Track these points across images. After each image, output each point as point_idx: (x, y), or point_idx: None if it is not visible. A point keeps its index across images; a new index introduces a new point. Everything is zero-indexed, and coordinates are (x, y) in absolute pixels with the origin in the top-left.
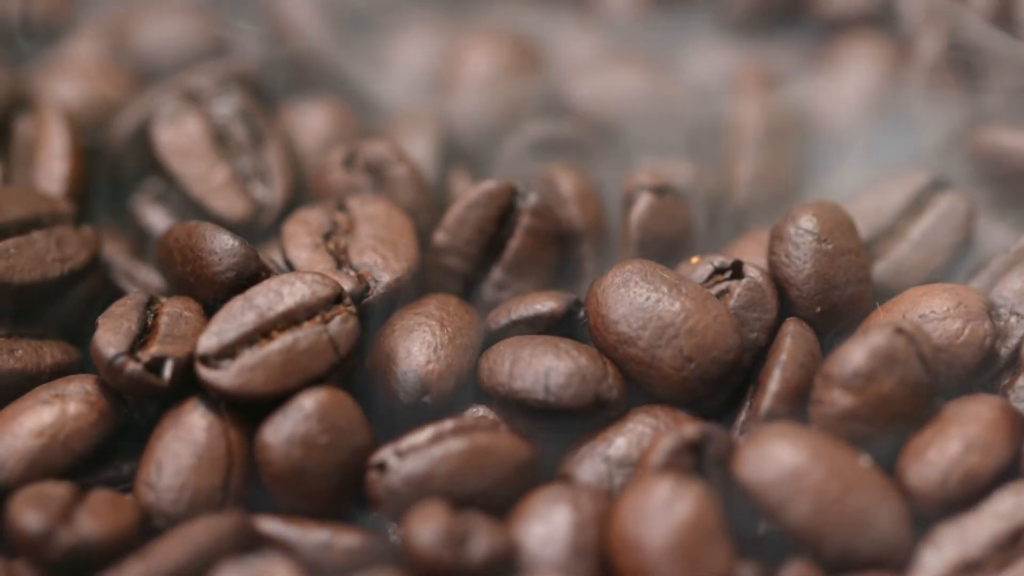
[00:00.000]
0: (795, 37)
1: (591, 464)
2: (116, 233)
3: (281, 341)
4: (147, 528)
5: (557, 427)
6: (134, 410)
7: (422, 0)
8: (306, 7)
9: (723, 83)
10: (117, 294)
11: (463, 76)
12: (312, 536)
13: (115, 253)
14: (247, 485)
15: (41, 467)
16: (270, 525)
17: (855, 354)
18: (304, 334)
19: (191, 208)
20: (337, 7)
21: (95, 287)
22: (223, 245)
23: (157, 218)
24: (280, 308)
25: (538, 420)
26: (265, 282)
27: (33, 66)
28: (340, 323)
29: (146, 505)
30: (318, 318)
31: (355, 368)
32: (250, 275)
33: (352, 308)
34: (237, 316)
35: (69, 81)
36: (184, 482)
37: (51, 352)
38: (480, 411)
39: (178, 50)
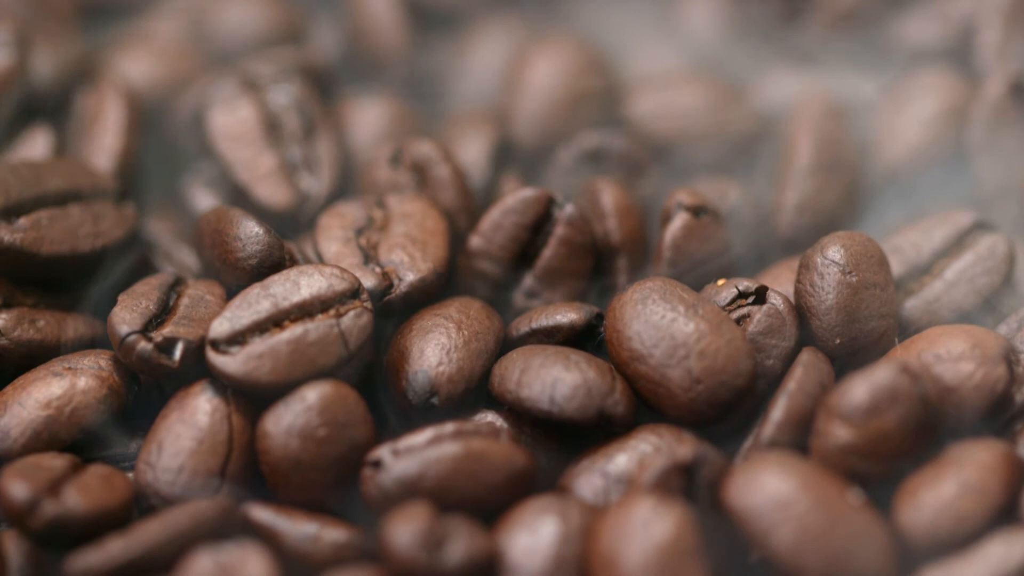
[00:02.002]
0: (871, 67)
1: (589, 478)
2: (167, 213)
3: (291, 331)
4: (146, 507)
5: (563, 438)
6: (153, 388)
7: (507, 2)
8: (387, 2)
9: (789, 108)
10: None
11: (526, 82)
12: (300, 527)
13: (161, 232)
14: (246, 472)
15: (45, 438)
16: (261, 513)
17: (857, 388)
18: (315, 326)
19: (238, 193)
20: (420, 4)
21: (136, 264)
22: (248, 232)
23: (205, 201)
24: (295, 298)
25: (545, 430)
26: (284, 271)
27: (110, 41)
28: (353, 318)
29: (144, 484)
30: (332, 311)
31: (373, 364)
32: (273, 264)
33: (368, 304)
34: (252, 303)
35: (140, 59)
36: (182, 464)
37: (74, 325)
38: (489, 417)
39: (252, 36)
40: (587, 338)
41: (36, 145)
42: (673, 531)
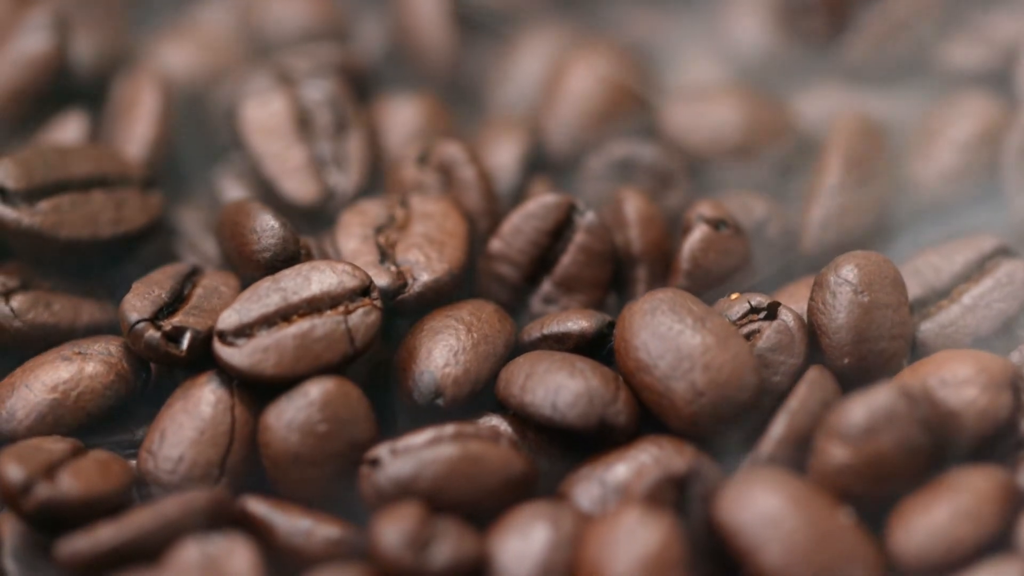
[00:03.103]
0: (914, 88)
1: (588, 486)
2: (198, 203)
3: (297, 326)
4: (146, 495)
5: (566, 444)
6: (166, 376)
7: (556, 8)
8: (434, 4)
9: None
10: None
11: (563, 88)
12: (294, 522)
13: (189, 222)
14: (247, 464)
15: (50, 422)
16: (256, 506)
17: (855, 409)
18: (322, 322)
19: (267, 186)
20: (468, 7)
21: (162, 252)
22: (263, 225)
23: (234, 193)
24: (305, 294)
25: (548, 436)
26: (296, 266)
27: (156, 30)
28: (362, 316)
29: (145, 472)
30: (341, 308)
31: (384, 361)
32: (287, 257)
33: (378, 302)
34: (262, 296)
35: (182, 48)
36: (182, 454)
37: (90, 310)
38: (493, 420)
39: (296, 30)
40: (598, 346)
41: (69, 129)
42: (658, 543)
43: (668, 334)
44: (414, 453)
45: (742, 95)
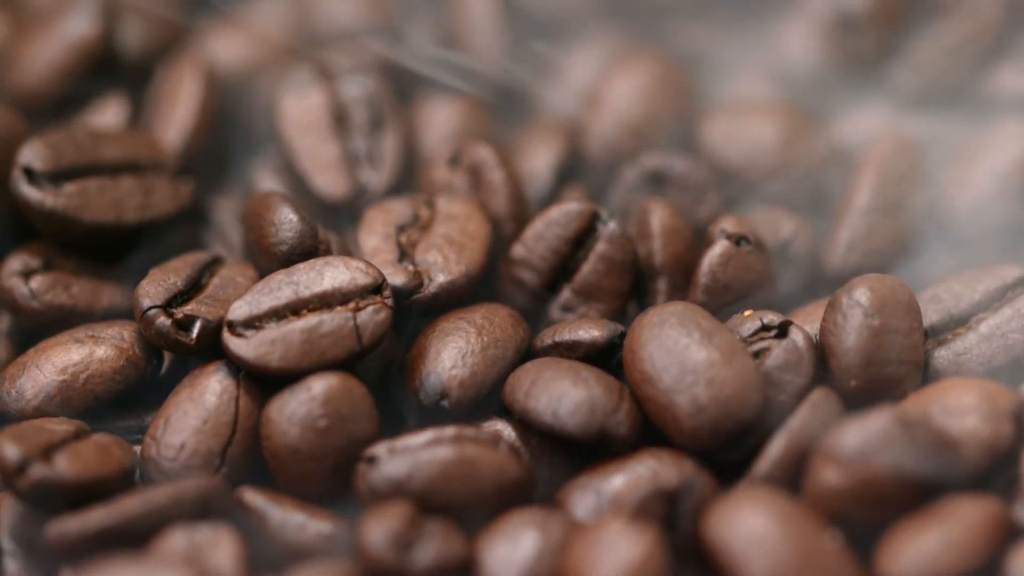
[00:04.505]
0: (960, 113)
1: (584, 495)
2: (235, 193)
3: (305, 321)
4: (148, 481)
5: (570, 452)
6: (178, 364)
7: (610, 17)
8: (487, 8)
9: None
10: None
11: (604, 97)
12: (289, 516)
13: (223, 211)
14: (249, 455)
15: (58, 403)
16: (253, 498)
17: (849, 432)
18: (330, 318)
19: (300, 180)
20: (523, 14)
21: (191, 240)
22: (282, 218)
23: (269, 185)
24: (316, 289)
25: (551, 443)
26: (311, 261)
27: (212, 18)
28: (371, 313)
29: (147, 458)
30: (351, 305)
31: (394, 361)
32: (304, 251)
33: (389, 301)
34: (274, 289)
35: (231, 38)
36: (184, 441)
37: (110, 294)
38: (498, 425)
39: (348, 27)
40: (609, 356)
41: (108, 113)
42: (640, 555)
43: (674, 347)
44: (411, 453)
45: (783, 113)
